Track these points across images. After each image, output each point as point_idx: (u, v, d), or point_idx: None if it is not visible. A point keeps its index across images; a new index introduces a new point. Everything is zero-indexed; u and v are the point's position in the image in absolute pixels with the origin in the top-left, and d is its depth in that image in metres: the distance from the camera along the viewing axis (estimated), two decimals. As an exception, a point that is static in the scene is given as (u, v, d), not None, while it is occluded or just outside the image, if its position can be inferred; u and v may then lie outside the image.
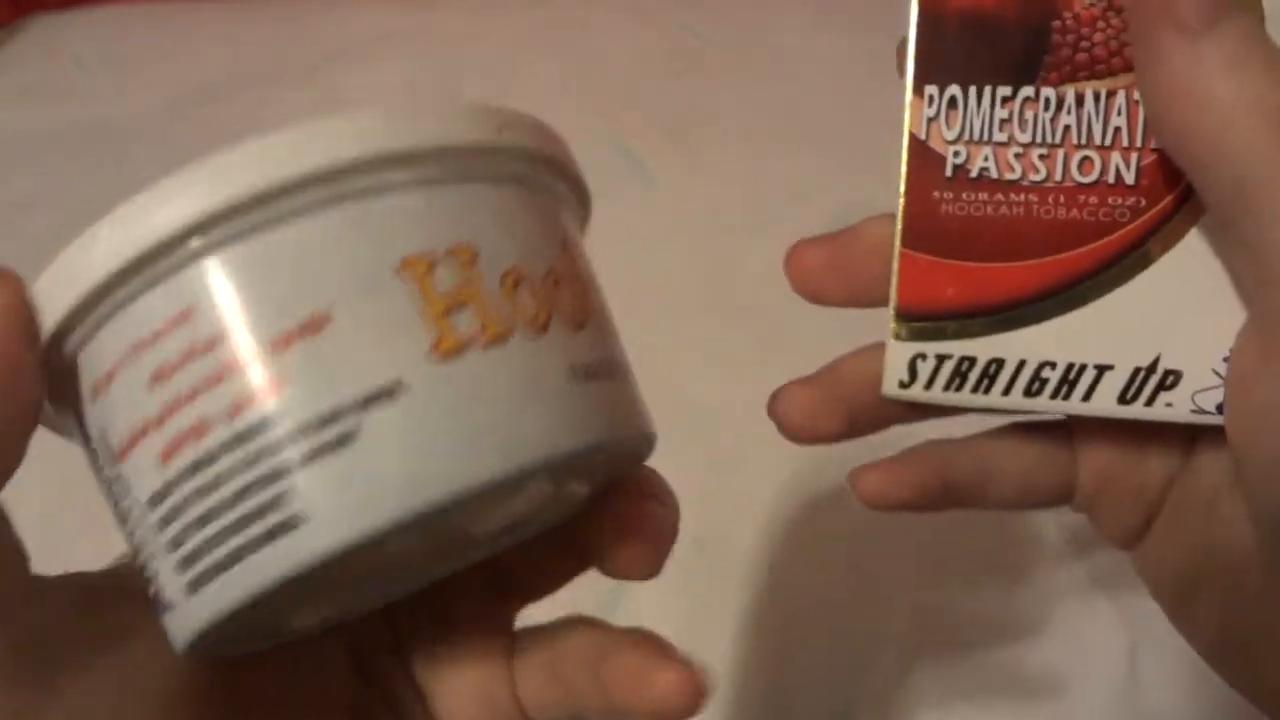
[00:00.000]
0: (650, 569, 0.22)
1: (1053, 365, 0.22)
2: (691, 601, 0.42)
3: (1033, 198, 0.21)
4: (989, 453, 0.25)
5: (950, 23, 0.21)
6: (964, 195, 0.22)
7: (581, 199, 0.21)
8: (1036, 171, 0.21)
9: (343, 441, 0.16)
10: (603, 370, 0.18)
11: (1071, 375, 0.22)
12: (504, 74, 0.77)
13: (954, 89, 0.21)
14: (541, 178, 0.19)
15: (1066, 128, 0.21)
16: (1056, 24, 0.21)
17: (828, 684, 0.40)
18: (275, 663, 0.22)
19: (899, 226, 0.22)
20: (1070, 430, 0.25)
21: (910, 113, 0.22)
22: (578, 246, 0.20)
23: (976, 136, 0.21)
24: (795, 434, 0.25)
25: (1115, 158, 0.21)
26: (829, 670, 0.40)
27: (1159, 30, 0.19)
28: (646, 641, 0.22)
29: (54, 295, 0.17)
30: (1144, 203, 0.21)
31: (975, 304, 0.22)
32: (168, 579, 0.17)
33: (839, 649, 0.41)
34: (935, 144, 0.22)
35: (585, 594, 0.45)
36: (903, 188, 0.22)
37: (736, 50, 0.79)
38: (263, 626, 0.19)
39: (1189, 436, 0.24)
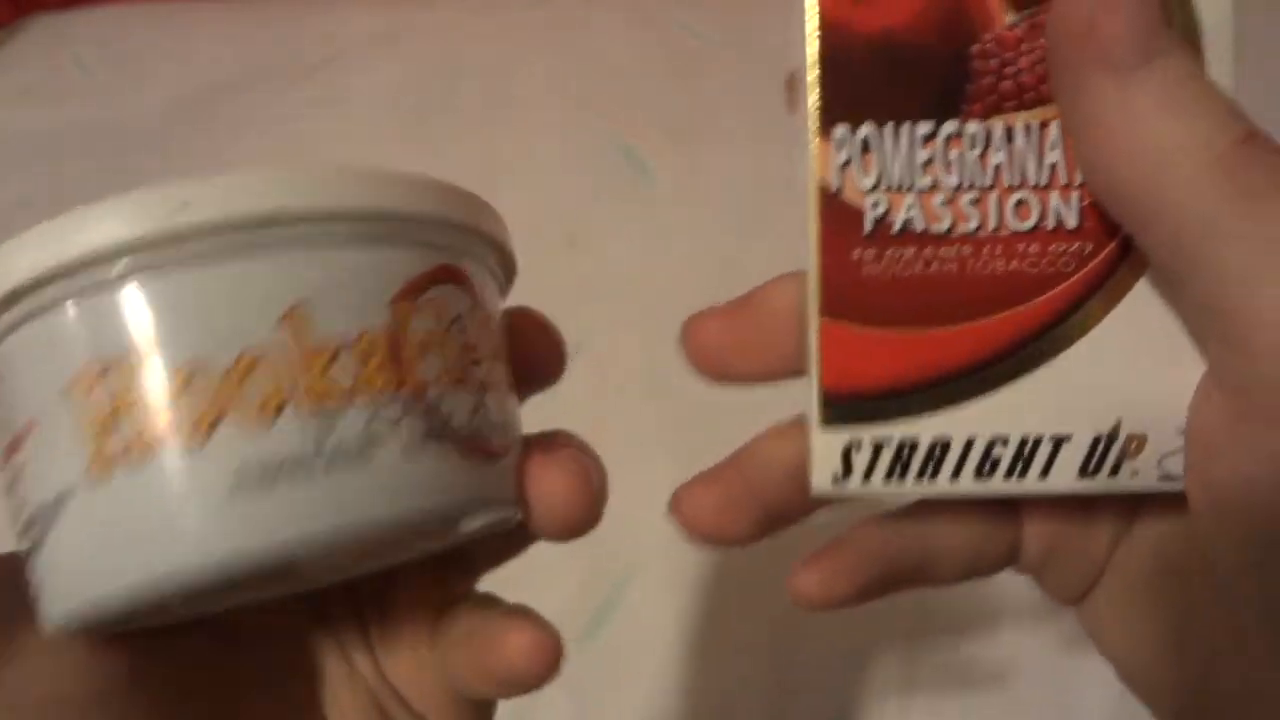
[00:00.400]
0: (577, 508, 0.20)
1: (1004, 441, 0.19)
2: (690, 602, 0.42)
3: (966, 250, 0.19)
4: (930, 530, 0.23)
5: (857, 51, 0.18)
6: (888, 253, 0.19)
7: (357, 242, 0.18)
8: (968, 220, 0.19)
9: (39, 541, 0.17)
10: (306, 462, 0.16)
11: (1026, 451, 0.19)
12: (504, 74, 0.77)
13: (867, 128, 0.18)
14: (253, 244, 0.17)
15: (997, 167, 0.19)
16: (976, 49, 0.18)
17: (824, 687, 0.40)
18: (219, 630, 0.21)
19: (816, 293, 0.19)
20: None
21: (817, 160, 0.19)
22: (317, 309, 0.17)
23: (897, 183, 0.19)
24: (704, 539, 0.22)
25: (1054, 199, 0.19)
26: (826, 673, 0.40)
27: (1085, 68, 0.17)
28: (513, 612, 0.21)
29: None
30: (1089, 248, 0.19)
31: (912, 378, 0.19)
32: None
33: (836, 651, 0.41)
34: (850, 195, 0.19)
35: (586, 594, 0.45)
36: (816, 249, 0.19)
37: (736, 50, 0.79)
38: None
39: (1136, 496, 0.22)
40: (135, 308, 0.16)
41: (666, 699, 0.41)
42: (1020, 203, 0.19)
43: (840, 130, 0.19)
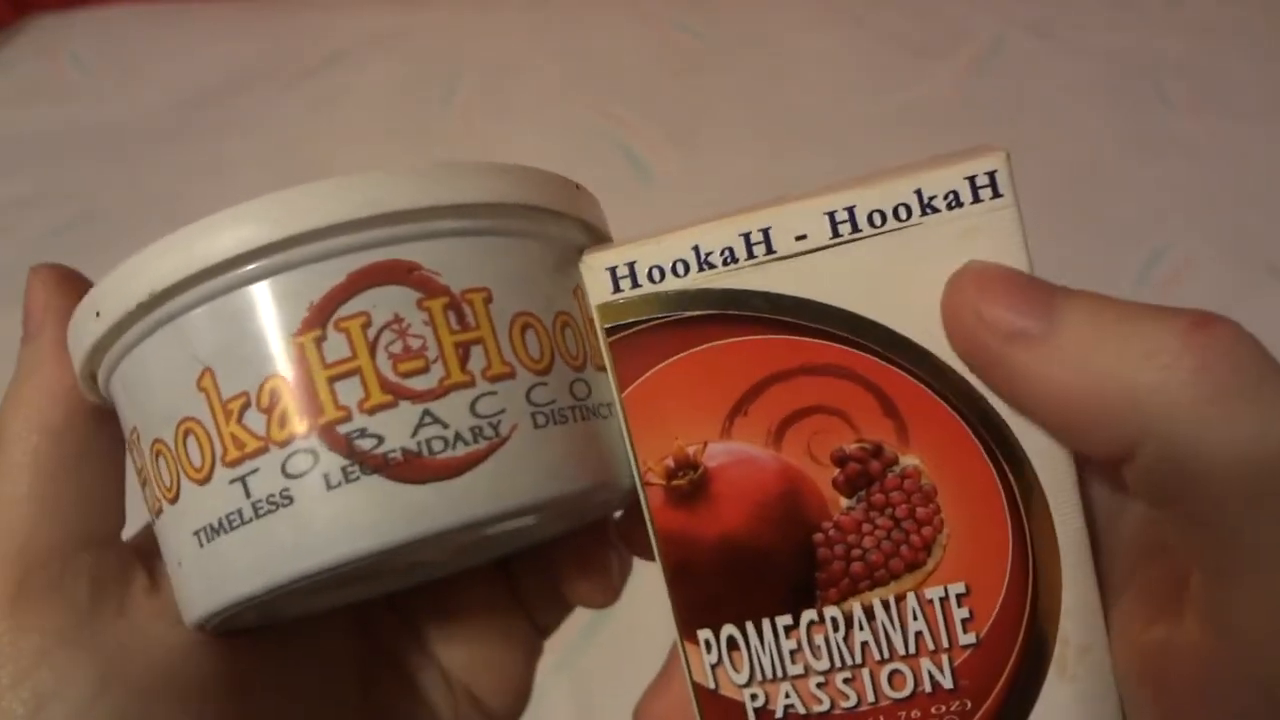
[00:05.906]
0: (604, 600, 0.24)
1: None
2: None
3: None
4: None
5: (703, 561, 0.19)
6: None
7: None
8: (846, 698, 0.19)
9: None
10: (244, 513, 0.17)
11: None
12: (504, 74, 0.78)
13: (730, 629, 0.19)
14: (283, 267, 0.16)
15: (864, 644, 0.19)
16: (819, 537, 0.19)
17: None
18: (281, 633, 0.22)
19: None
20: None
21: (690, 662, 0.19)
22: (309, 340, 0.16)
23: (769, 675, 0.19)
24: None
25: (926, 664, 0.19)
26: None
27: (996, 351, 0.16)
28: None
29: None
30: (970, 704, 0.19)
31: None
32: None
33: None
34: (728, 691, 0.19)
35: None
36: None
37: (736, 50, 0.79)
38: (265, 612, 0.20)
39: None
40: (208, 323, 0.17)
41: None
42: (894, 673, 0.19)
43: (704, 633, 0.19)
